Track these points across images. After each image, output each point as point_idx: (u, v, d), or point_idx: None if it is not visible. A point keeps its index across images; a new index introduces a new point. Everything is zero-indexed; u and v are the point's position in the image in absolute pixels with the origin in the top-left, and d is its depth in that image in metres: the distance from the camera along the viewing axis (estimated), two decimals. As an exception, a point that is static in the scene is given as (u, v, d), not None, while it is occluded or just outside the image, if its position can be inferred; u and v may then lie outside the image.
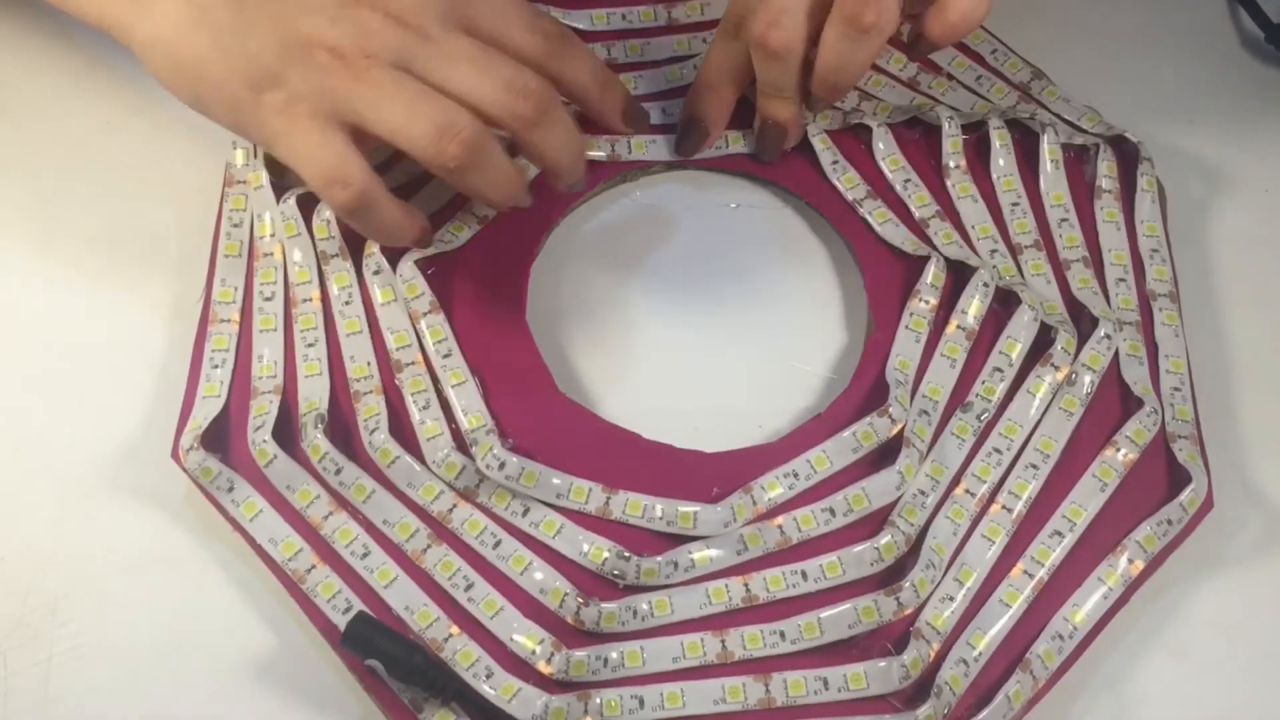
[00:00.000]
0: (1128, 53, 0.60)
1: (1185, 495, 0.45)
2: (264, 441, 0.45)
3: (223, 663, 0.43)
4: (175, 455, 0.46)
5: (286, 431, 0.46)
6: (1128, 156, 0.54)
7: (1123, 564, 0.44)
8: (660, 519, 0.45)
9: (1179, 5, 0.62)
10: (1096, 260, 0.51)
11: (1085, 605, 0.44)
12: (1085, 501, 0.46)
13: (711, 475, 0.46)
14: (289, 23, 0.44)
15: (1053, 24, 0.60)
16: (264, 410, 0.46)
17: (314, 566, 0.44)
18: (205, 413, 0.46)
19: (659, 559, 0.44)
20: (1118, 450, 0.46)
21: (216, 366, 0.48)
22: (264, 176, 0.50)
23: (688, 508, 0.45)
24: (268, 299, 0.49)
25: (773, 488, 0.46)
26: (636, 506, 0.45)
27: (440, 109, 0.44)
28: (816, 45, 0.48)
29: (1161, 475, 0.47)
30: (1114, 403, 0.48)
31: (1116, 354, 0.48)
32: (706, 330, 0.51)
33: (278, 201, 0.50)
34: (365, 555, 0.44)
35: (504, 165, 0.46)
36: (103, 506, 0.46)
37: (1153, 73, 0.59)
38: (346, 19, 0.44)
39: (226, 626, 0.44)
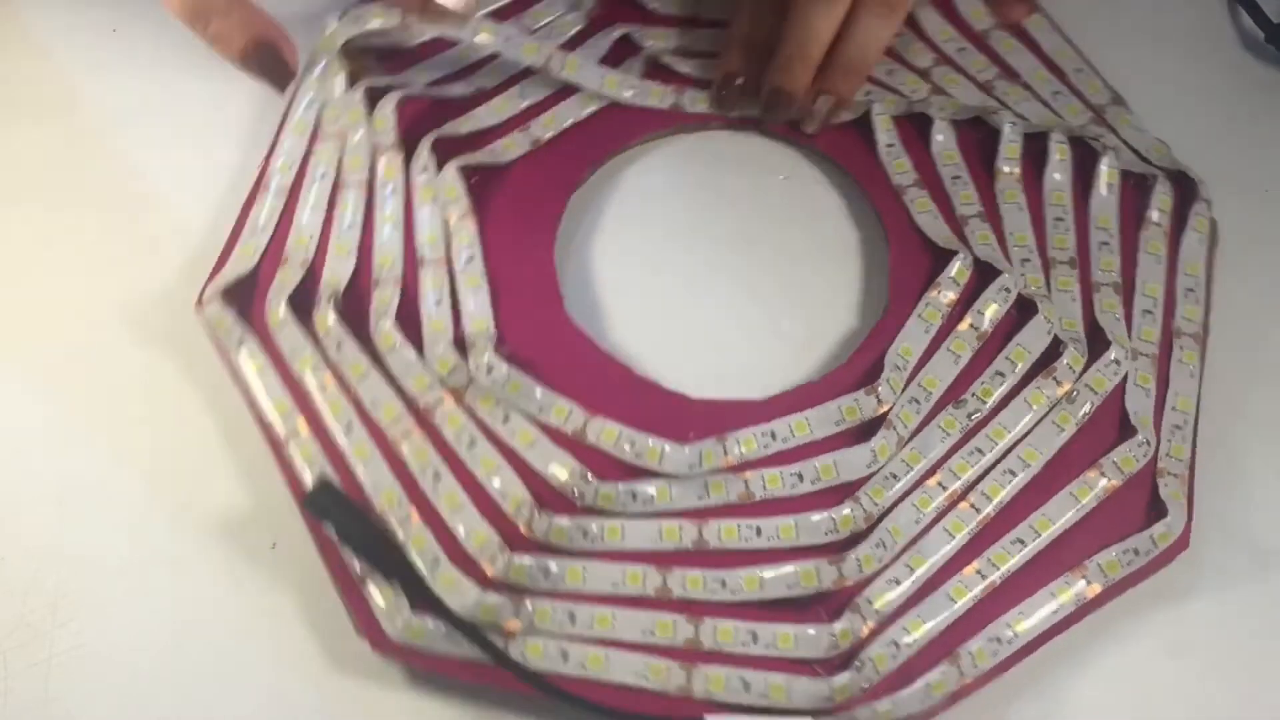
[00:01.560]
0: (1126, 52, 0.58)
1: (1157, 529, 0.44)
2: (278, 305, 0.47)
3: (227, 655, 0.43)
4: (199, 304, 0.48)
5: (307, 305, 0.48)
6: (1186, 193, 0.53)
7: (1079, 584, 0.44)
8: (630, 450, 0.45)
9: (1179, 5, 0.61)
10: (1128, 289, 0.50)
11: (1031, 617, 0.43)
12: (1055, 515, 0.45)
13: (691, 420, 0.46)
14: None
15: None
16: (288, 278, 0.49)
17: (299, 431, 0.46)
18: (235, 270, 0.49)
19: (619, 486, 0.45)
20: (1101, 474, 0.46)
21: (257, 232, 0.50)
22: (342, 63, 0.53)
23: (657, 443, 0.45)
24: (321, 177, 0.51)
25: (748, 444, 0.46)
26: (611, 434, 0.46)
27: None
28: None
29: (1141, 508, 0.46)
30: (1110, 428, 0.47)
31: (1125, 382, 0.48)
32: (724, 289, 0.51)
33: (349, 89, 0.52)
34: (348, 430, 0.46)
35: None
36: (105, 503, 0.46)
37: (1152, 72, 0.58)
38: None
39: (229, 619, 0.44)
